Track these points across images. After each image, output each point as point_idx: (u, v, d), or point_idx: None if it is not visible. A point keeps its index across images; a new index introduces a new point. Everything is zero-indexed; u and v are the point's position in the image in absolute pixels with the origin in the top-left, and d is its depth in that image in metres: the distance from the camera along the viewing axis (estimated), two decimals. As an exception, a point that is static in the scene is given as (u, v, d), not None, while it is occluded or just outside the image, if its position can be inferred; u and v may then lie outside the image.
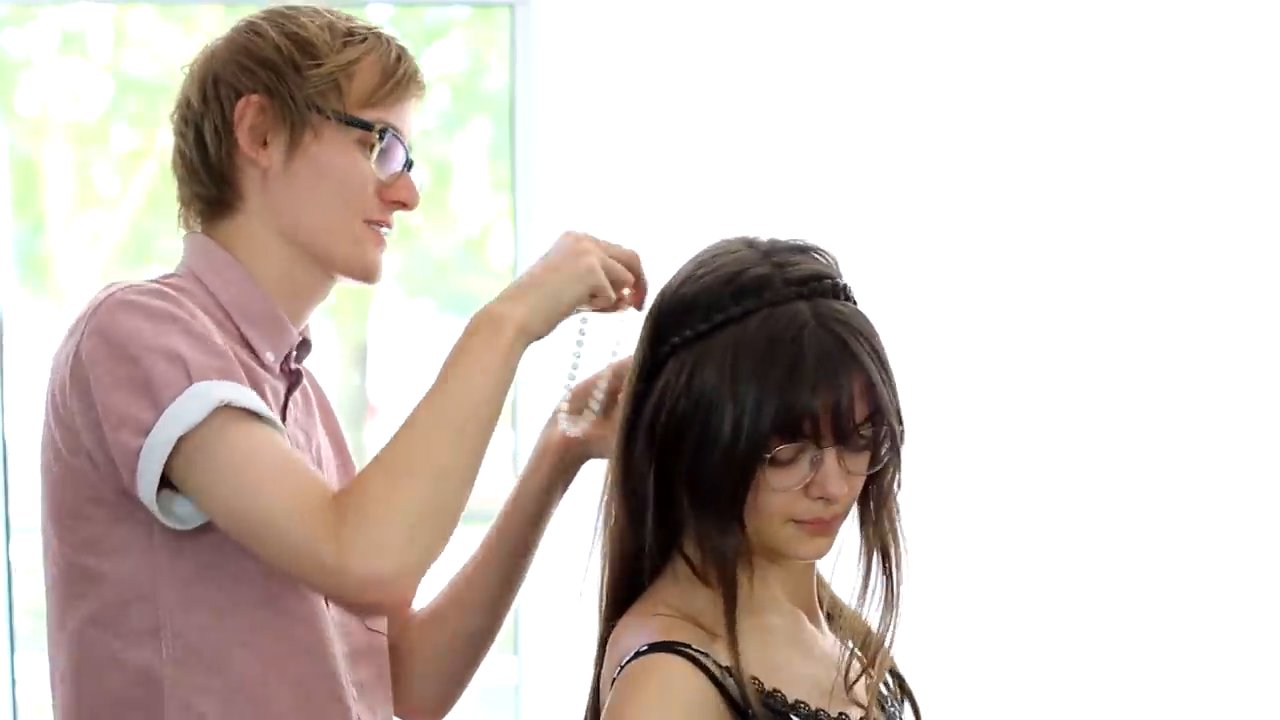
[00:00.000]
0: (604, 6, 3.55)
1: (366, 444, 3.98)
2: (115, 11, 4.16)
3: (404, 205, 1.87)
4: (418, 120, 1.90)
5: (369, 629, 1.90)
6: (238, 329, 1.82)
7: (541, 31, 3.56)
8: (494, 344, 1.69)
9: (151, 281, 1.78)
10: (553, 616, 3.49)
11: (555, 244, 1.78)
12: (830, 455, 1.60)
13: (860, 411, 1.60)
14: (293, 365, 1.89)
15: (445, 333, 4.30)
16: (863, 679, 1.66)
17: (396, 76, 1.85)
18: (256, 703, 1.77)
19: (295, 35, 1.83)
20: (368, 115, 1.83)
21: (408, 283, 4.33)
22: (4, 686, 3.61)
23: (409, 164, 1.86)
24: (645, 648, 1.57)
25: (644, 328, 1.68)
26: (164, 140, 1.90)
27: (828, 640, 1.71)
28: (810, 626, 1.70)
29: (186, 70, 1.87)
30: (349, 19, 1.86)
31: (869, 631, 1.69)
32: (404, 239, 3.88)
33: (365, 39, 1.85)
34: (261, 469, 1.65)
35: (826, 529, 1.63)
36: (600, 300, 1.76)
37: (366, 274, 1.87)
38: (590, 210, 3.54)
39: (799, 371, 1.58)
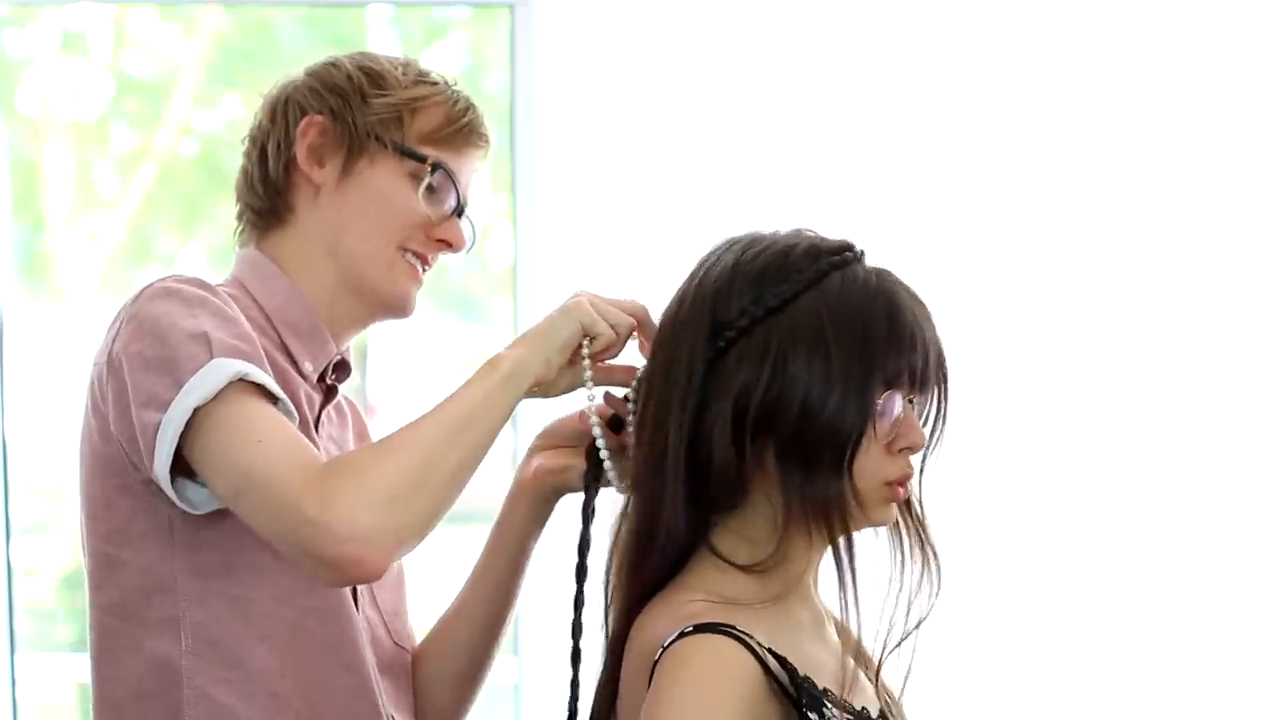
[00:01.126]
0: (604, 6, 3.56)
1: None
2: (115, 11, 4.16)
3: (449, 246, 1.93)
4: (477, 177, 1.96)
5: (396, 644, 1.94)
6: (279, 337, 1.88)
7: (541, 31, 3.56)
8: (489, 376, 1.74)
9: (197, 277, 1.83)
10: (553, 616, 3.49)
11: None
12: (909, 406, 1.65)
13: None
14: (329, 380, 1.94)
15: (444, 333, 4.31)
16: (878, 678, 1.70)
17: (459, 123, 1.91)
18: (276, 696, 1.80)
19: (368, 68, 1.91)
20: (424, 151, 1.89)
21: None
22: (4, 686, 3.61)
23: (461, 210, 1.92)
24: (690, 629, 1.58)
25: (686, 327, 1.67)
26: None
27: (837, 640, 1.73)
28: (828, 624, 1.73)
29: (263, 97, 1.94)
30: (427, 67, 1.94)
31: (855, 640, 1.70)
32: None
33: (436, 83, 1.92)
34: (260, 432, 1.69)
35: (901, 492, 1.67)
36: (600, 341, 1.78)
37: (395, 303, 1.92)
38: (590, 210, 3.54)
39: (899, 324, 1.64)
